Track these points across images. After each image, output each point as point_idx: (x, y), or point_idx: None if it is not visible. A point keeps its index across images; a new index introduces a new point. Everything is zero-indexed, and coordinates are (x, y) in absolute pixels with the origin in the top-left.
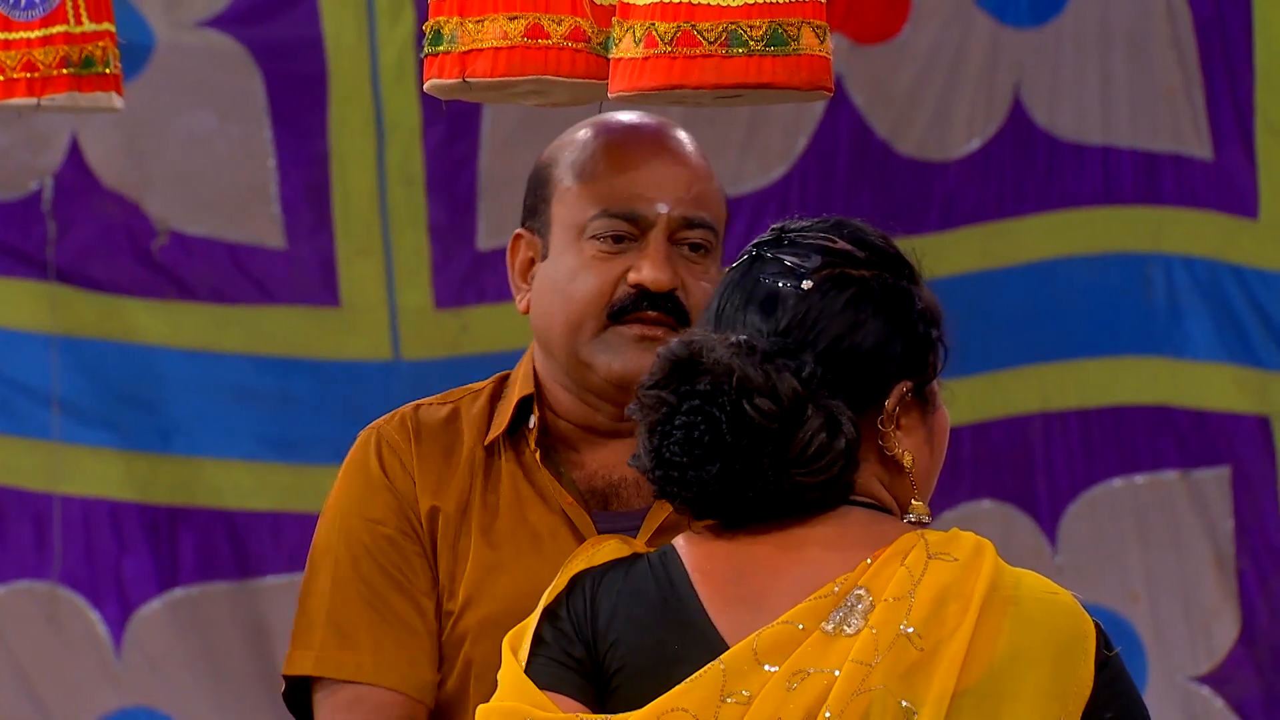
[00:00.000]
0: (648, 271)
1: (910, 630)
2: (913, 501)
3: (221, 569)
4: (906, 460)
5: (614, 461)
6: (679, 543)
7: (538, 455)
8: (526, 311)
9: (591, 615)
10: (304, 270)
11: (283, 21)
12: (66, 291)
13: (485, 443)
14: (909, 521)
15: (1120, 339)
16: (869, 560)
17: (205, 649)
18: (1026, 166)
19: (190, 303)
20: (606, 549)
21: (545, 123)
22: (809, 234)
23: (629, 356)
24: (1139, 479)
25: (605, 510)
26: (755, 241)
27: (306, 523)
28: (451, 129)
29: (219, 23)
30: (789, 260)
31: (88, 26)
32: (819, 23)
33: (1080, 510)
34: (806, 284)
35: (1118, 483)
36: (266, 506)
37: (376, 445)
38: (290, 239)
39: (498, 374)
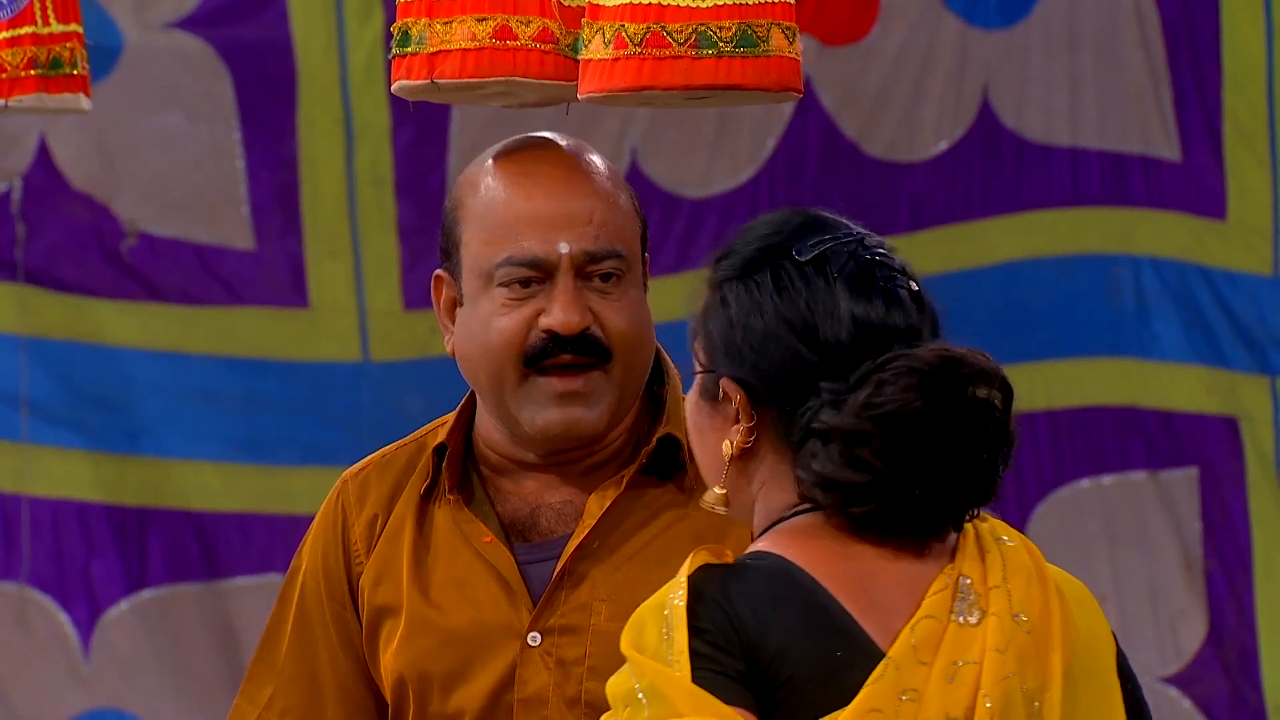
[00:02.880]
0: (557, 315)
1: (1019, 616)
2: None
3: (190, 570)
4: None
5: (538, 490)
6: (781, 551)
7: (456, 500)
8: (454, 354)
9: (738, 625)
10: (273, 271)
11: (252, 23)
12: (36, 293)
13: (420, 492)
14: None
15: (1088, 340)
16: (957, 550)
17: (173, 650)
18: (995, 168)
19: (159, 304)
20: (701, 557)
21: (513, 124)
22: (851, 234)
23: (552, 414)
24: (1107, 480)
25: (526, 542)
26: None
27: (275, 524)
28: (421, 131)
29: (188, 24)
30: (882, 257)
31: (55, 28)
32: (788, 24)
33: (1048, 511)
34: (914, 285)
35: (1086, 483)
36: (235, 508)
37: (334, 498)
38: (259, 240)
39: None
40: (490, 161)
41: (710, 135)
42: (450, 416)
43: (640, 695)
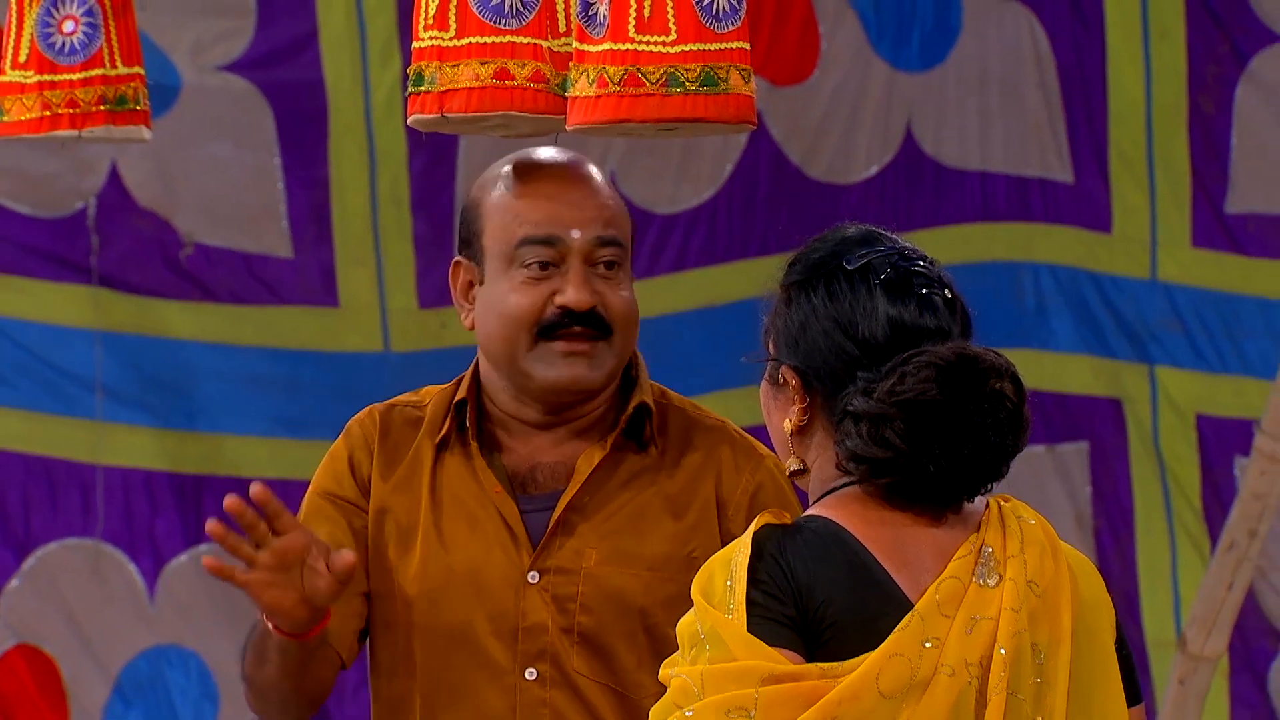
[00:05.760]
0: (571, 294)
1: (1032, 582)
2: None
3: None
4: None
5: (536, 449)
6: (831, 516)
7: (475, 449)
8: (473, 327)
9: (791, 577)
10: (308, 276)
11: (290, 66)
12: (108, 294)
13: (436, 440)
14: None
15: (996, 334)
16: (982, 523)
17: (226, 596)
18: (916, 189)
19: (212, 303)
20: (764, 518)
21: (511, 151)
22: (898, 246)
23: (560, 368)
24: None
25: (525, 494)
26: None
27: None
28: (433, 157)
29: (236, 67)
30: (920, 268)
31: (121, 70)
32: (745, 67)
33: None
34: (948, 293)
35: None
36: (278, 475)
37: (349, 433)
38: (297, 250)
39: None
40: (508, 166)
41: (677, 161)
42: (449, 385)
43: (702, 637)
